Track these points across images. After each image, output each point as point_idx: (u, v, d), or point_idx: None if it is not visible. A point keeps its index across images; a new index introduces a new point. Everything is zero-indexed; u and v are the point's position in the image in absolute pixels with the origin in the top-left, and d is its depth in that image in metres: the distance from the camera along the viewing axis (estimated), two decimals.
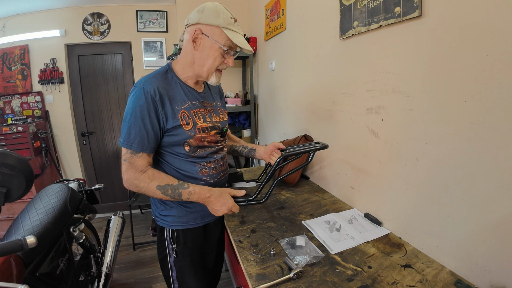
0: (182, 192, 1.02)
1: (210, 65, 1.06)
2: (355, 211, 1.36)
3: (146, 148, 1.00)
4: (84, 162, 3.47)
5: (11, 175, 1.26)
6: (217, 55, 1.04)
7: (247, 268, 0.93)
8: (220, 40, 1.02)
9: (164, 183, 1.01)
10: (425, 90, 0.96)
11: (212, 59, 1.05)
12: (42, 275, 1.25)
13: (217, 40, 1.02)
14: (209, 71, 1.07)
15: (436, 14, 0.89)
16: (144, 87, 0.99)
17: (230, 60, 1.08)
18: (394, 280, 0.86)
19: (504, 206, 0.74)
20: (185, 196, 1.02)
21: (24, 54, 3.06)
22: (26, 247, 0.91)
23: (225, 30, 1.01)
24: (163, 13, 3.25)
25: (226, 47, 1.03)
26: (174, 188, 1.02)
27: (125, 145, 0.99)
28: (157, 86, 1.01)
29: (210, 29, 1.02)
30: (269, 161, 1.31)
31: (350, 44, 1.36)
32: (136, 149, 0.99)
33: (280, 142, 1.33)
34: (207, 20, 1.01)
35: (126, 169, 1.00)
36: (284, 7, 2.14)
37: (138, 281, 2.32)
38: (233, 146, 1.44)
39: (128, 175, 1.00)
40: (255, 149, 1.38)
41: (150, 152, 1.03)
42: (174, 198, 1.02)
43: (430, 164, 0.96)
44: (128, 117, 0.99)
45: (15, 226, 1.35)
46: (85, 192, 1.83)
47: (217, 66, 1.07)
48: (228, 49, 1.04)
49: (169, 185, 1.02)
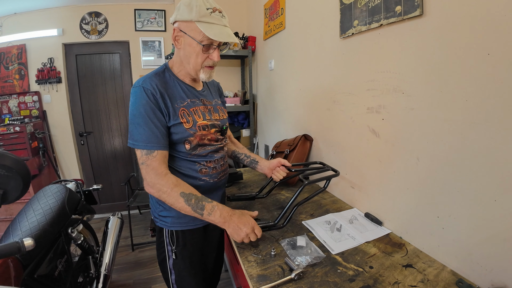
0: (205, 205, 0.98)
1: (193, 62, 1.03)
2: (356, 210, 1.36)
3: (159, 145, 0.99)
4: (82, 162, 3.45)
5: (8, 176, 1.24)
6: (198, 51, 1.00)
7: (248, 269, 0.93)
8: (196, 36, 0.98)
9: (188, 192, 0.99)
10: (426, 90, 0.95)
11: (194, 57, 1.02)
12: (41, 277, 1.24)
13: (193, 36, 0.98)
14: (195, 68, 1.04)
15: (437, 13, 0.89)
16: (143, 86, 0.98)
17: (215, 54, 1.03)
18: (395, 280, 0.86)
19: (505, 205, 0.74)
20: (208, 209, 0.98)
21: (22, 53, 3.04)
22: (24, 249, 0.90)
23: (198, 24, 0.96)
24: (161, 12, 3.24)
25: (204, 42, 0.98)
26: (198, 199, 0.98)
27: (138, 146, 0.98)
28: (156, 84, 1.00)
29: (186, 26, 0.99)
30: (271, 176, 1.32)
31: (350, 43, 1.35)
32: (150, 148, 0.98)
33: (285, 160, 1.33)
34: (182, 16, 0.98)
35: (146, 172, 0.99)
36: (283, 6, 2.13)
37: (137, 282, 2.31)
38: (235, 152, 1.43)
39: (149, 178, 0.98)
40: (258, 162, 1.37)
41: (164, 149, 1.01)
42: (195, 211, 0.97)
43: (431, 164, 0.96)
44: (134, 118, 0.98)
45: (13, 227, 1.33)
46: (83, 192, 1.81)
47: (202, 63, 1.03)
48: (208, 44, 0.99)
49: (193, 195, 0.99)
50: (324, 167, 1.32)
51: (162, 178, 0.98)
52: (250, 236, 0.99)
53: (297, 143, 1.78)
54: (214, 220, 0.99)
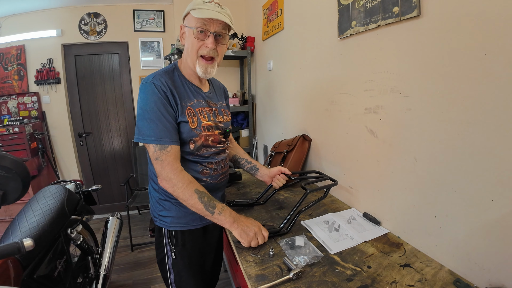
0: (216, 204, 1.00)
1: (190, 52, 1.05)
2: (354, 210, 1.36)
3: (172, 140, 1.00)
4: (81, 162, 3.46)
5: (7, 177, 1.25)
6: (193, 39, 1.03)
7: (247, 269, 0.93)
8: (191, 23, 1.02)
9: (201, 190, 1.01)
10: (423, 90, 0.96)
11: (190, 46, 1.04)
12: (40, 278, 1.24)
13: (189, 25, 1.03)
14: (192, 59, 1.06)
15: (435, 14, 0.89)
16: (154, 82, 1.00)
17: (209, 41, 1.02)
18: (393, 280, 0.86)
19: (502, 205, 0.74)
20: (219, 208, 1.00)
21: (21, 54, 3.04)
22: (23, 250, 0.91)
23: (192, 12, 1.00)
24: (160, 12, 3.24)
25: (197, 25, 1.00)
26: (210, 198, 1.01)
27: (151, 141, 0.98)
28: (166, 81, 1.02)
29: (186, 19, 1.05)
30: (270, 184, 1.36)
31: (348, 44, 1.36)
32: (164, 143, 0.98)
33: (285, 168, 1.36)
34: (185, 12, 1.05)
35: (161, 167, 0.99)
36: (281, 7, 2.14)
37: (136, 282, 2.31)
38: (236, 157, 1.44)
39: (165, 173, 0.99)
40: (258, 169, 1.39)
41: (177, 143, 1.02)
42: (207, 209, 0.99)
43: (428, 164, 0.96)
44: (145, 113, 0.99)
45: (12, 228, 1.33)
46: (82, 193, 1.82)
47: (197, 51, 1.04)
48: (201, 29, 1.01)
49: (205, 193, 1.01)
50: (322, 176, 1.37)
51: (178, 174, 0.99)
52: (258, 237, 1.02)
53: (295, 143, 1.78)
54: (223, 219, 1.00)
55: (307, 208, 1.23)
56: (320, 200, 1.27)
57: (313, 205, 1.24)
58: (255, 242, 1.01)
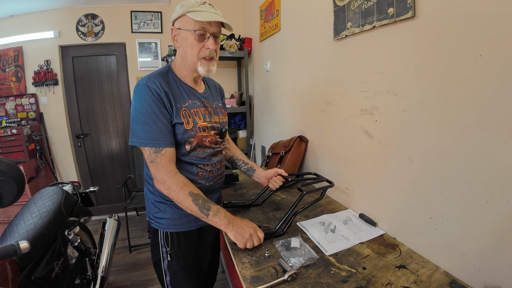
0: (211, 207, 1.00)
1: (190, 54, 1.05)
2: (350, 211, 1.36)
3: (167, 142, 1.00)
4: (79, 164, 3.45)
5: (2, 181, 1.25)
6: (193, 41, 1.03)
7: (242, 271, 0.93)
8: (188, 26, 1.01)
9: (196, 192, 1.01)
10: (418, 91, 0.96)
11: (190, 48, 1.04)
12: (37, 279, 1.24)
13: (187, 27, 1.02)
14: (193, 61, 1.06)
15: (430, 15, 0.90)
16: (148, 85, 1.00)
17: (210, 43, 1.03)
18: (388, 281, 0.86)
19: (498, 207, 0.74)
20: (213, 211, 1.00)
21: (18, 56, 3.04)
22: (20, 252, 0.91)
23: (188, 14, 0.99)
24: (157, 13, 3.24)
25: (196, 28, 1.00)
26: (205, 200, 1.01)
27: (146, 144, 0.98)
28: (160, 83, 1.02)
29: (179, 21, 1.04)
30: (267, 185, 1.37)
31: (344, 45, 1.36)
32: (159, 145, 0.98)
33: (282, 170, 1.37)
34: (176, 14, 1.04)
35: (157, 170, 1.00)
36: (278, 8, 2.14)
37: (134, 283, 2.31)
38: (233, 158, 1.45)
39: (160, 176, 0.99)
40: (255, 170, 1.40)
41: (172, 146, 1.02)
42: (202, 211, 0.99)
43: (424, 165, 0.96)
44: (139, 116, 0.99)
45: (10, 230, 1.34)
46: (79, 195, 1.81)
47: (198, 54, 1.05)
48: (201, 32, 1.01)
49: (200, 196, 1.01)
50: (319, 178, 1.38)
51: (173, 176, 1.00)
52: (254, 239, 1.02)
53: (292, 144, 1.78)
54: (218, 221, 1.00)
55: (303, 210, 1.23)
56: (316, 202, 1.27)
57: (309, 206, 1.24)
58: (250, 243, 1.02)
